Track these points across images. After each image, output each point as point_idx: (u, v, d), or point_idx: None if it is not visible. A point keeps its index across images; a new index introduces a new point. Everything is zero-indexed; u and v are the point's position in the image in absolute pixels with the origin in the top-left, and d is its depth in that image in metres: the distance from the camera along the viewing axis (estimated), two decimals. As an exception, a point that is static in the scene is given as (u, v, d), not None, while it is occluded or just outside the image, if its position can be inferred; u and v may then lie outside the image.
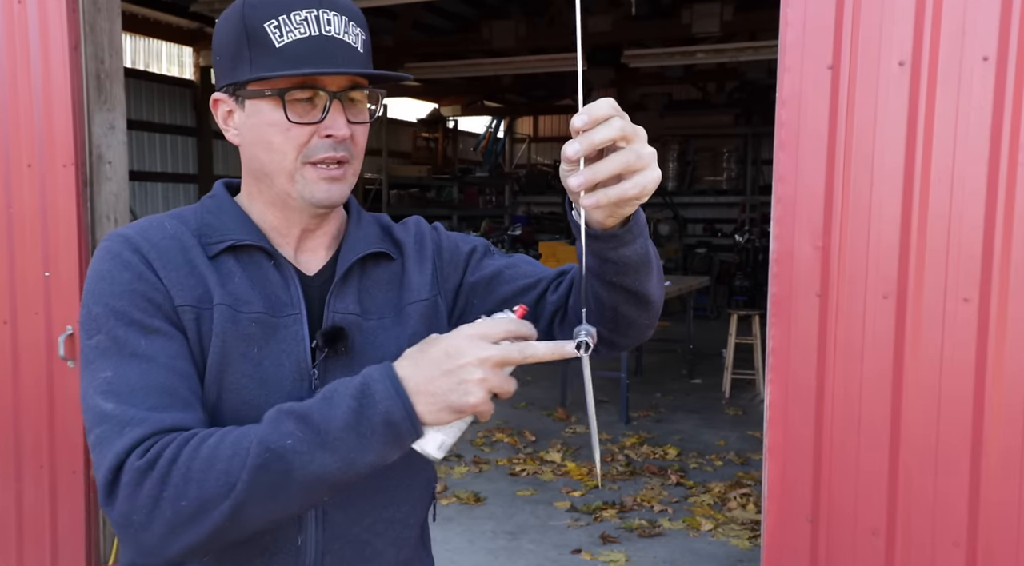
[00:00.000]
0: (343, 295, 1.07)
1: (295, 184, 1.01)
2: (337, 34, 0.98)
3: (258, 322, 1.01)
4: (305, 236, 1.09)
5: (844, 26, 1.99)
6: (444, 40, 10.39)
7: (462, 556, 3.70)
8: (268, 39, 0.97)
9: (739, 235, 11.49)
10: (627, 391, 5.94)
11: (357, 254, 1.09)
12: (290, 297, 1.04)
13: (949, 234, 1.94)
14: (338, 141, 1.01)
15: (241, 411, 0.99)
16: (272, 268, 1.05)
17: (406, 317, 1.10)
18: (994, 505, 1.92)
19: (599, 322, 1.06)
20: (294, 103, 0.99)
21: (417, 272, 1.14)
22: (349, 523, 1.05)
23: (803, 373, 2.08)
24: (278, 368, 1.02)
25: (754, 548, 3.75)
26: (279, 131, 0.99)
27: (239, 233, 1.04)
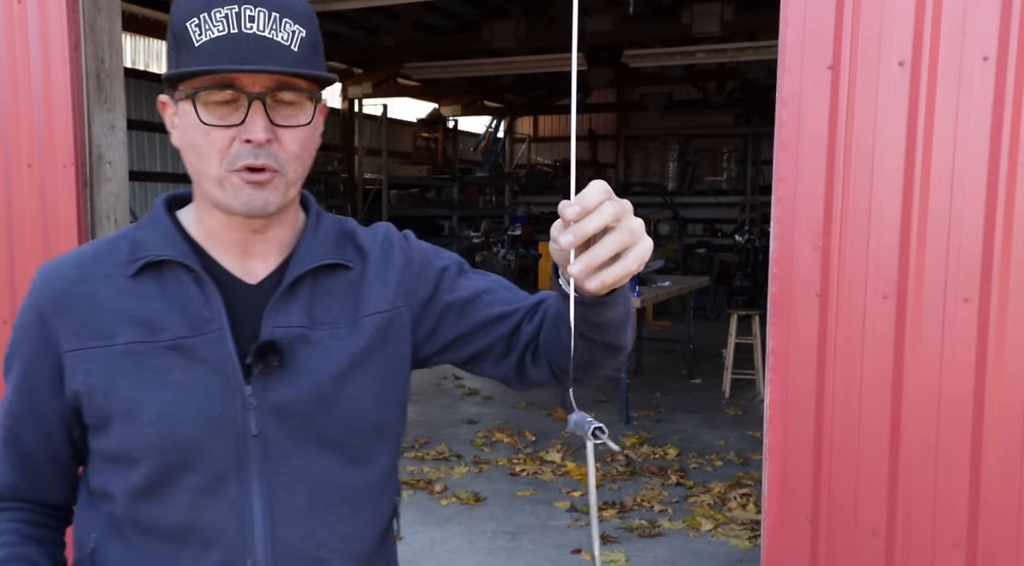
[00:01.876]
0: (286, 307, 1.02)
1: (223, 191, 0.97)
2: (261, 31, 0.93)
3: (176, 347, 0.99)
4: (251, 241, 1.04)
5: (844, 26, 1.99)
6: (444, 40, 10.39)
7: (462, 556, 3.70)
8: (189, 38, 0.93)
9: (739, 235, 11.49)
10: (627, 391, 5.94)
11: (306, 266, 1.04)
12: (211, 312, 1.00)
13: (949, 234, 1.94)
14: (258, 146, 0.95)
15: (172, 437, 0.97)
16: (192, 283, 1.01)
17: (361, 328, 1.06)
18: (994, 506, 1.92)
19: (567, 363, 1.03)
20: (212, 105, 0.94)
21: (379, 282, 1.09)
22: (301, 540, 1.02)
23: (803, 373, 2.08)
24: (207, 389, 0.99)
25: (754, 548, 3.75)
26: (200, 134, 0.95)
27: (159, 248, 1.01)
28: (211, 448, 0.99)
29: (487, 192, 14.90)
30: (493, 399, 6.59)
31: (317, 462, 1.03)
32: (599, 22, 8.21)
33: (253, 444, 1.00)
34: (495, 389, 6.90)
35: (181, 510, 0.99)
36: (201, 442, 0.98)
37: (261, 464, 1.00)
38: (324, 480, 1.03)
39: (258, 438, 1.00)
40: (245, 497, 1.00)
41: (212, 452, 0.99)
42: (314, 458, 1.03)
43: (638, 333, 7.63)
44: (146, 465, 0.99)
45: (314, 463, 1.03)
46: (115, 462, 1.01)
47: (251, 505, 1.00)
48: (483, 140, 15.41)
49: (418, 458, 5.06)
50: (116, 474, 1.01)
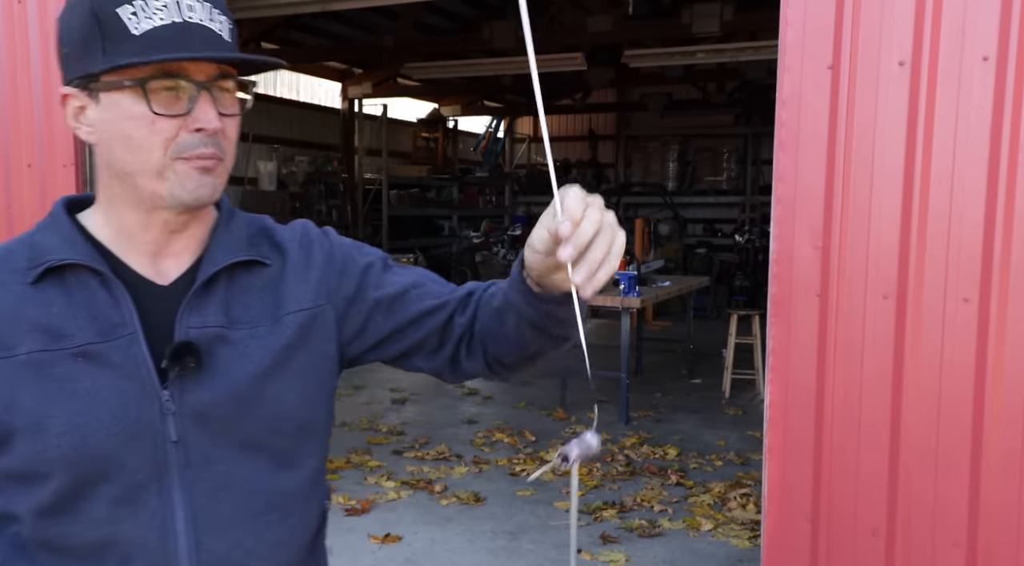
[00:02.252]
0: (202, 307, 0.98)
1: (165, 182, 0.93)
2: (201, 21, 0.91)
3: (84, 354, 0.93)
4: (168, 240, 1.00)
5: (844, 26, 1.99)
6: (444, 40, 10.39)
7: (462, 556, 3.70)
8: (124, 26, 0.89)
9: (739, 235, 11.48)
10: (627, 391, 5.94)
11: (220, 263, 1.00)
12: (122, 316, 0.95)
13: (949, 234, 1.94)
14: (208, 135, 0.93)
15: (84, 448, 0.92)
16: (99, 287, 0.95)
17: (283, 326, 1.02)
18: (994, 506, 1.92)
19: (515, 354, 1.06)
20: (157, 94, 0.91)
21: (299, 279, 1.06)
22: (228, 550, 0.98)
23: (803, 373, 2.08)
24: (120, 396, 0.94)
25: (754, 548, 3.75)
26: (142, 125, 0.91)
27: (60, 252, 0.95)
28: (128, 458, 0.94)
29: (487, 192, 14.90)
30: (493, 399, 6.59)
31: (242, 466, 0.99)
32: (599, 22, 8.21)
33: (173, 451, 0.95)
34: (495, 389, 6.90)
35: (96, 525, 0.94)
36: (116, 452, 0.93)
37: (182, 471, 0.96)
38: (250, 485, 0.99)
39: (178, 444, 0.96)
40: (166, 507, 0.95)
41: (129, 462, 0.94)
42: (239, 463, 0.99)
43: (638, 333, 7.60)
44: (56, 480, 0.93)
45: (239, 468, 0.98)
46: (19, 480, 0.94)
47: (173, 515, 0.95)
48: (483, 140, 15.41)
49: (418, 458, 5.05)
50: (20, 493, 0.94)
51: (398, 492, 4.46)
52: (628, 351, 5.97)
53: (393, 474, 4.74)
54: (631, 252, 8.55)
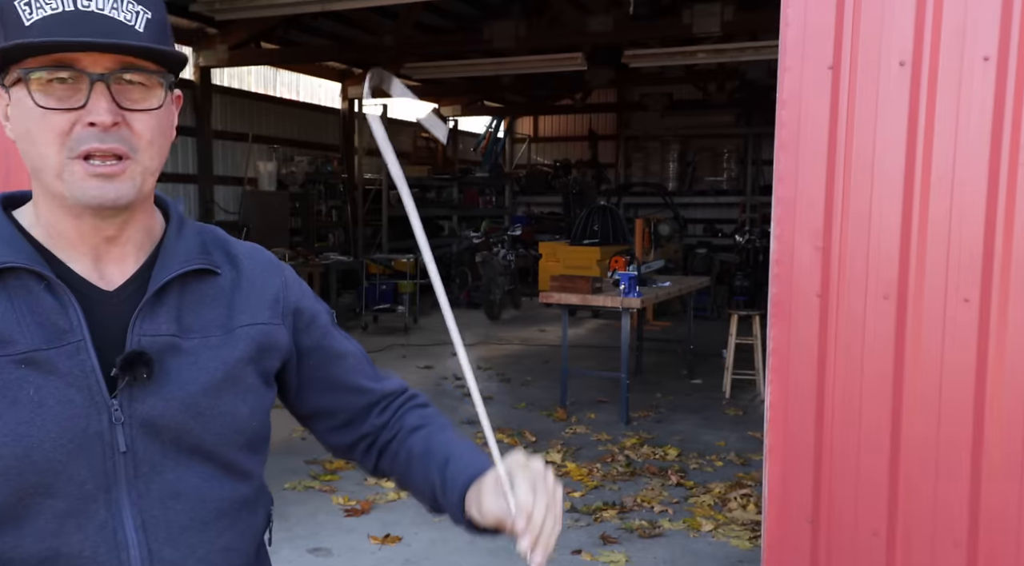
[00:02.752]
0: (153, 315, 0.95)
1: (63, 182, 0.89)
2: (100, 9, 0.86)
3: (28, 361, 0.89)
4: (106, 244, 0.95)
5: (844, 26, 1.99)
6: (444, 40, 10.39)
7: (462, 556, 3.69)
8: (18, 17, 0.86)
9: (739, 235, 11.49)
10: (627, 391, 5.94)
11: (173, 271, 0.97)
12: (69, 323, 0.91)
13: (949, 235, 1.93)
14: (104, 129, 0.87)
15: (28, 458, 0.89)
16: (44, 292, 0.91)
17: (236, 338, 1.00)
18: (995, 507, 1.92)
19: (405, 488, 1.17)
20: (49, 87, 0.87)
21: (254, 294, 1.04)
22: (182, 557, 0.96)
23: (803, 374, 2.08)
24: (67, 405, 0.90)
25: (754, 549, 3.75)
26: (35, 119, 0.87)
27: (2, 255, 0.91)
28: (74, 469, 0.91)
29: (487, 192, 14.90)
30: (493, 400, 6.58)
31: (193, 476, 0.97)
32: (599, 22, 8.21)
33: (122, 461, 0.93)
34: (495, 389, 6.90)
35: (42, 539, 0.91)
36: (63, 463, 0.90)
37: (131, 482, 0.93)
38: (200, 493, 0.98)
39: (127, 455, 0.93)
40: (116, 518, 0.93)
41: (76, 473, 0.91)
42: (189, 471, 0.97)
43: (638, 333, 7.59)
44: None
45: (189, 477, 0.97)
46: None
47: (123, 526, 0.93)
48: (483, 140, 15.41)
49: (418, 458, 5.05)
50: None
51: (398, 492, 4.46)
52: (628, 351, 5.96)
53: (393, 474, 4.74)
54: (631, 252, 8.55)
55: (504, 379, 7.30)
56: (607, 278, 7.05)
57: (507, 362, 8.06)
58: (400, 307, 9.71)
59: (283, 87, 11.09)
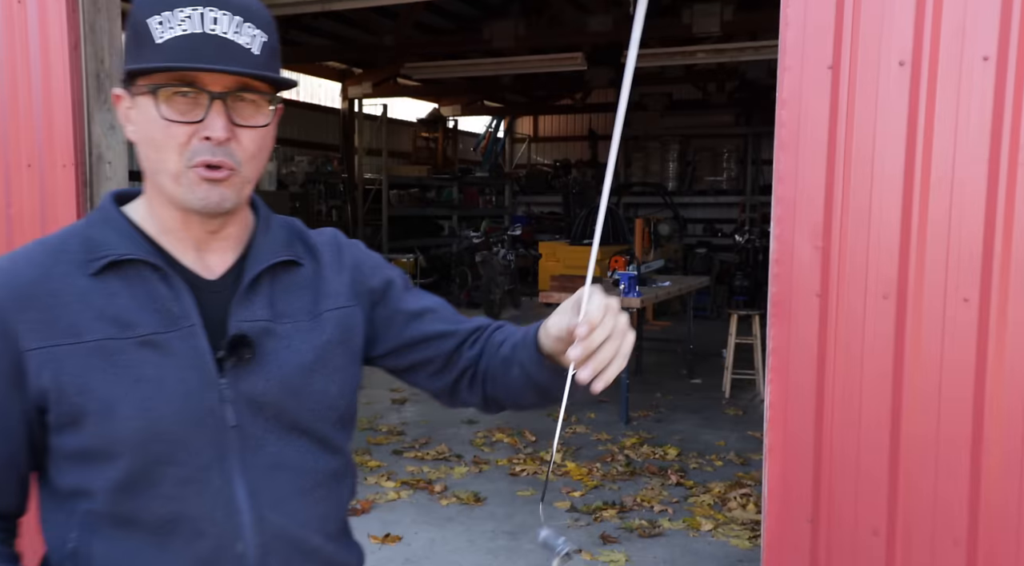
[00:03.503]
0: (250, 302, 1.06)
1: (180, 187, 1.00)
2: (224, 33, 0.96)
3: (149, 343, 1.00)
4: (208, 238, 1.07)
5: (844, 26, 1.99)
6: (444, 40, 10.39)
7: (462, 556, 3.70)
8: (150, 35, 0.95)
9: (739, 235, 11.48)
10: (627, 391, 5.94)
11: (264, 263, 1.08)
12: (183, 309, 1.02)
13: (949, 234, 1.94)
14: (216, 144, 0.98)
15: (152, 430, 0.99)
16: (159, 281, 1.02)
17: (323, 322, 1.11)
18: (995, 506, 1.92)
19: (511, 400, 1.18)
20: (173, 100, 0.97)
21: (334, 280, 1.14)
22: (286, 522, 1.07)
23: (803, 373, 2.08)
24: (182, 384, 1.01)
25: (754, 548, 3.75)
26: (158, 128, 0.98)
27: (120, 247, 1.02)
28: (192, 441, 1.01)
29: (487, 192, 14.90)
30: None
31: (292, 450, 1.07)
32: (599, 22, 8.21)
33: (231, 434, 1.03)
34: (495, 389, 6.90)
35: (167, 502, 1.01)
36: (182, 435, 1.01)
37: (240, 453, 1.04)
38: (301, 465, 1.08)
39: (236, 428, 1.03)
40: (228, 485, 1.03)
41: (193, 444, 1.01)
42: (289, 446, 1.07)
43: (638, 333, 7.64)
44: (126, 459, 0.99)
45: (290, 450, 1.07)
46: (90, 459, 1.01)
47: (235, 493, 1.03)
48: (483, 140, 15.41)
49: (418, 458, 5.05)
50: (93, 471, 1.01)
51: (398, 492, 4.46)
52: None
53: (393, 474, 4.74)
54: (631, 252, 8.55)
55: (504, 379, 7.29)
56: (607, 278, 7.05)
57: (507, 362, 8.05)
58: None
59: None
